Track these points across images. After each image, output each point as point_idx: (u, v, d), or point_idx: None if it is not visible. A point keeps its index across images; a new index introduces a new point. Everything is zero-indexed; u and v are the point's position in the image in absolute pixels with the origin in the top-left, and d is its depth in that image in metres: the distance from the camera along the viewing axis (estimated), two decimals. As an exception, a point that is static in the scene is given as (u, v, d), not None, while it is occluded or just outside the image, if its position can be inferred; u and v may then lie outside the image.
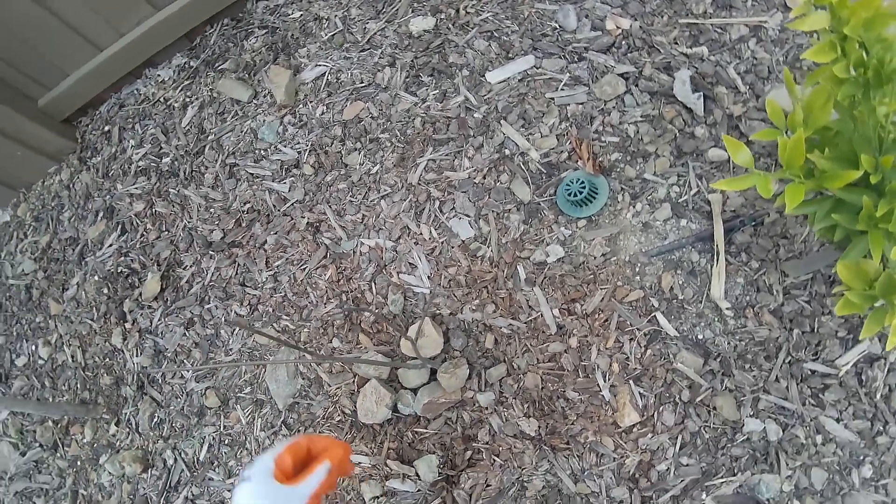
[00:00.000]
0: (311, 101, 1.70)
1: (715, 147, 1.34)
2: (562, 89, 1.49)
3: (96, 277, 1.72)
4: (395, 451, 1.39)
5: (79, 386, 1.66)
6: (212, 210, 1.69)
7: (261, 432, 1.48)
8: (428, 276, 1.47)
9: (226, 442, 1.50)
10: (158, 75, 1.88)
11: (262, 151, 1.70)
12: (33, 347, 1.73)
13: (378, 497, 1.36)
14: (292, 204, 1.63)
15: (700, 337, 1.26)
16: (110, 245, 1.73)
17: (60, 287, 1.76)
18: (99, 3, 1.62)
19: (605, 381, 1.28)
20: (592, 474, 1.25)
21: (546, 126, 1.48)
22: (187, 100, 1.83)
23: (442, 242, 1.48)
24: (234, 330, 1.56)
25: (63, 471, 1.63)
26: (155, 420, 1.58)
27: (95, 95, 1.85)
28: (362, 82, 1.67)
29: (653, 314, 1.29)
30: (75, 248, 1.78)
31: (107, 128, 1.88)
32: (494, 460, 1.32)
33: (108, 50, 1.74)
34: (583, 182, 1.37)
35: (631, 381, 1.27)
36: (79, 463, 1.62)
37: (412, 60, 1.64)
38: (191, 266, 1.65)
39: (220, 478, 1.47)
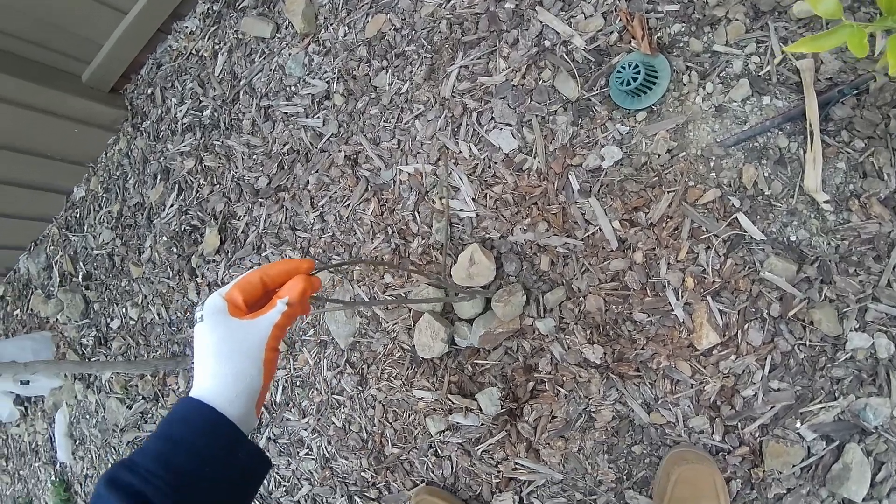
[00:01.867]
0: (331, 25, 1.57)
1: (801, -1, 1.04)
2: (604, -46, 1.23)
3: (164, 238, 1.79)
4: (457, 384, 1.34)
5: (168, 340, 1.78)
6: (255, 157, 1.66)
7: (328, 372, 1.50)
8: (472, 198, 1.34)
9: (297, 384, 1.55)
10: (186, 27, 1.84)
11: (291, 88, 1.62)
12: (123, 310, 1.87)
13: (443, 431, 1.33)
14: (328, 139, 1.55)
15: (792, 239, 1.03)
16: (171, 205, 1.79)
17: (136, 251, 1.86)
18: (108, -34, 1.57)
19: (677, 299, 1.11)
20: (667, 403, 1.11)
21: (589, 4, 1.24)
22: (216, 47, 1.77)
23: (484, 159, 1.33)
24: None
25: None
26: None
27: (134, 59, 1.85)
28: (380, -8, 1.51)
29: (733, 216, 1.08)
30: (143, 213, 1.86)
31: (150, 90, 1.89)
32: (558, 391, 1.22)
33: (132, 11, 1.71)
34: (636, 66, 1.14)
35: (709, 297, 1.08)
36: (179, 409, 1.77)
37: (430, -46, 1.43)
38: (244, 216, 1.66)
39: (296, 417, 1.53)
